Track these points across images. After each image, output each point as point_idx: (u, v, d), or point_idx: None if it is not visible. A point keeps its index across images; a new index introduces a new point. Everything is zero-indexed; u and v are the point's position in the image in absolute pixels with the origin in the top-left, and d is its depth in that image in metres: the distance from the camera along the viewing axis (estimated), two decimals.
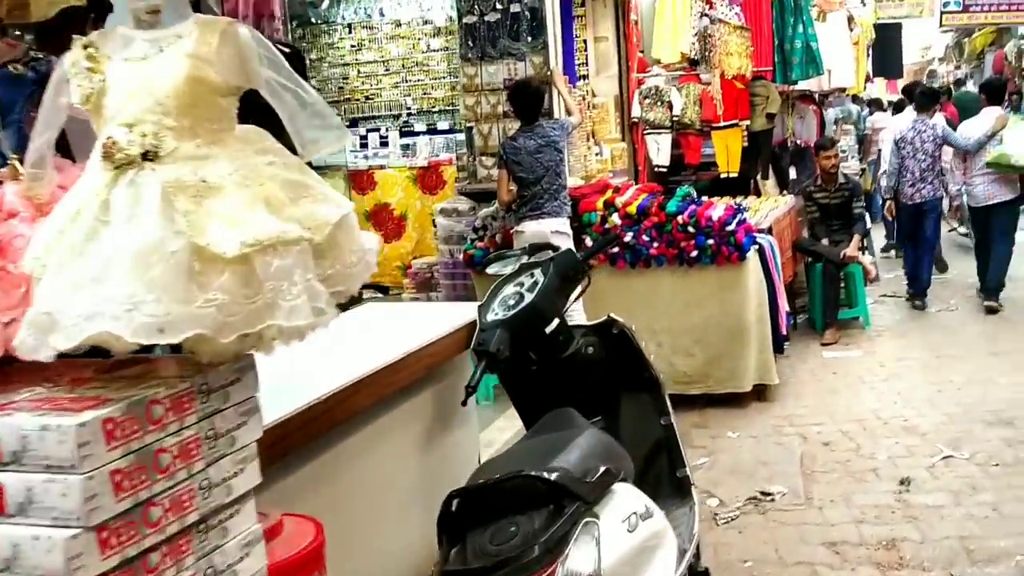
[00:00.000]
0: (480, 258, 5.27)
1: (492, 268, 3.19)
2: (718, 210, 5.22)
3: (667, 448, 2.95)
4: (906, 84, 12.96)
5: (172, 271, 1.22)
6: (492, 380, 3.67)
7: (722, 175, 7.52)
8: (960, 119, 8.75)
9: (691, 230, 5.11)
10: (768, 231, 5.82)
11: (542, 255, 3.08)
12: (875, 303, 7.58)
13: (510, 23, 5.90)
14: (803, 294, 7.22)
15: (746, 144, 7.51)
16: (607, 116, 7.34)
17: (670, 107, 7.34)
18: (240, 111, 1.48)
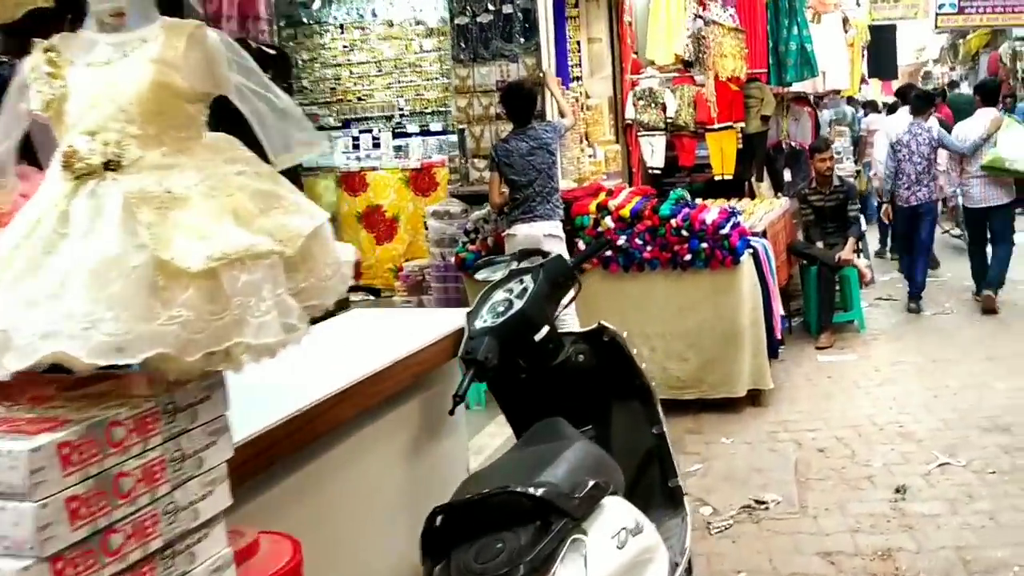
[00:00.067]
0: (472, 261, 5.20)
1: (481, 274, 3.14)
2: (712, 213, 5.17)
3: (659, 457, 2.90)
4: (900, 86, 12.97)
5: (133, 287, 1.16)
6: (483, 385, 3.62)
7: (716, 177, 7.49)
8: (954, 120, 8.75)
9: (685, 234, 5.06)
10: (763, 234, 5.77)
11: (532, 261, 3.03)
12: (870, 306, 7.54)
13: (503, 24, 5.85)
14: (798, 297, 7.18)
15: (741, 146, 7.48)
16: (601, 118, 7.30)
17: (664, 109, 7.30)
18: (216, 118, 1.42)
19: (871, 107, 13.32)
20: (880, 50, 15.16)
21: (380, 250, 8.06)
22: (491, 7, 5.84)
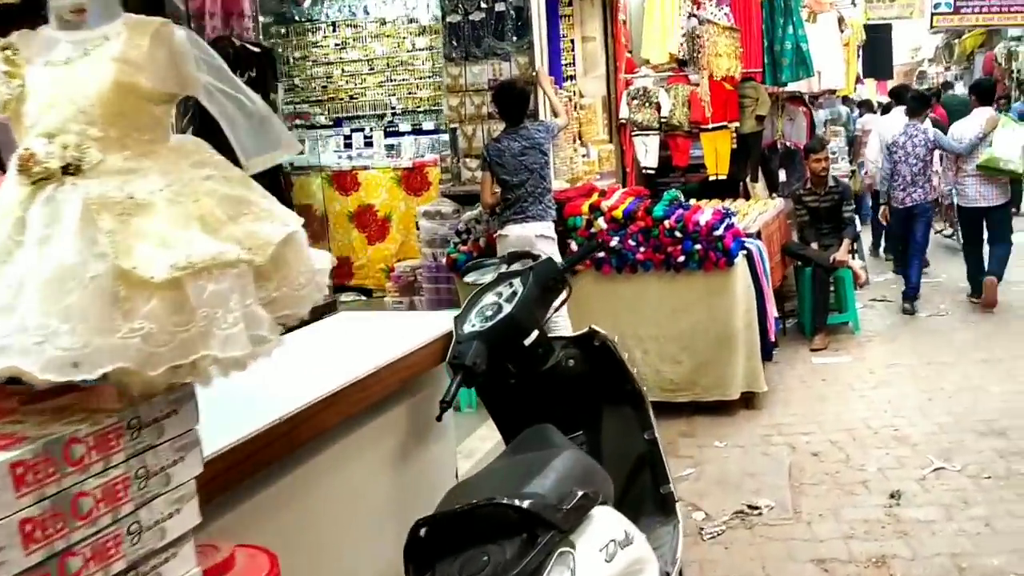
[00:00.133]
0: (463, 262, 5.15)
1: (470, 277, 3.09)
2: (706, 215, 5.12)
3: (651, 464, 2.86)
4: (894, 87, 12.92)
5: (91, 298, 1.10)
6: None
7: (711, 177, 7.43)
8: (949, 121, 8.73)
9: (678, 235, 5.01)
10: (757, 235, 5.71)
11: (523, 264, 2.98)
12: (864, 307, 7.50)
13: (495, 22, 5.79)
14: (792, 298, 7.13)
15: (735, 146, 7.42)
16: (594, 117, 7.24)
17: (658, 108, 7.24)
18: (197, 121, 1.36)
19: (866, 107, 13.28)
20: (875, 50, 15.15)
21: (372, 250, 8.01)
22: (483, 5, 5.79)
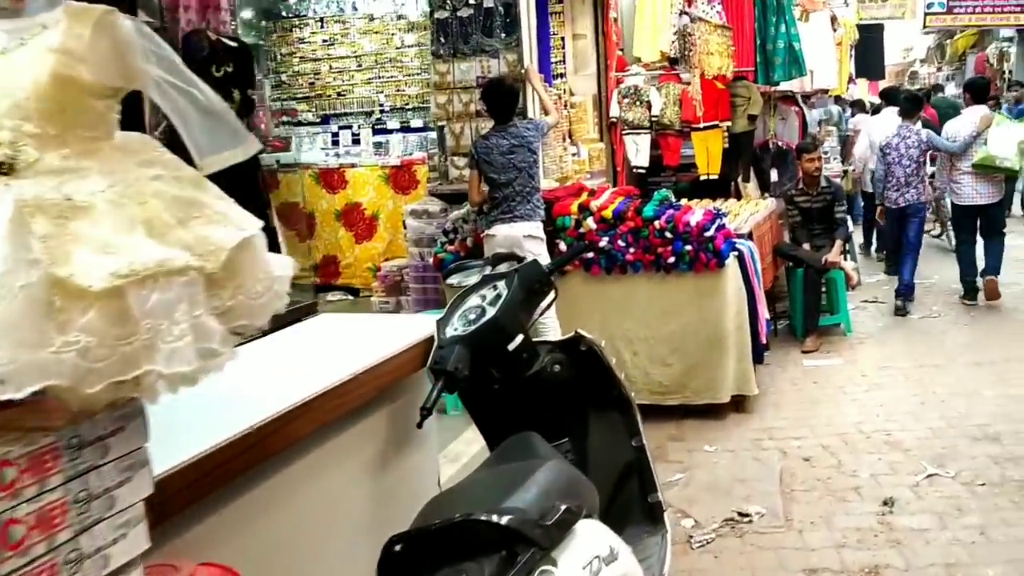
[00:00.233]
0: (450, 262, 5.06)
1: (453, 279, 3.00)
2: (696, 215, 5.04)
3: (638, 471, 2.78)
4: (885, 87, 12.89)
5: (20, 309, 1.00)
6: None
7: (702, 177, 7.37)
8: (939, 122, 8.71)
9: (668, 235, 4.93)
10: (748, 236, 5.64)
11: (509, 265, 2.90)
12: (856, 309, 7.43)
13: (483, 19, 5.70)
14: (783, 299, 7.06)
15: (727, 146, 7.36)
16: (585, 116, 7.15)
17: (649, 107, 7.17)
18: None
19: (858, 107, 13.23)
20: (867, 50, 15.08)
21: (359, 249, 7.91)
22: (472, 1, 5.69)
